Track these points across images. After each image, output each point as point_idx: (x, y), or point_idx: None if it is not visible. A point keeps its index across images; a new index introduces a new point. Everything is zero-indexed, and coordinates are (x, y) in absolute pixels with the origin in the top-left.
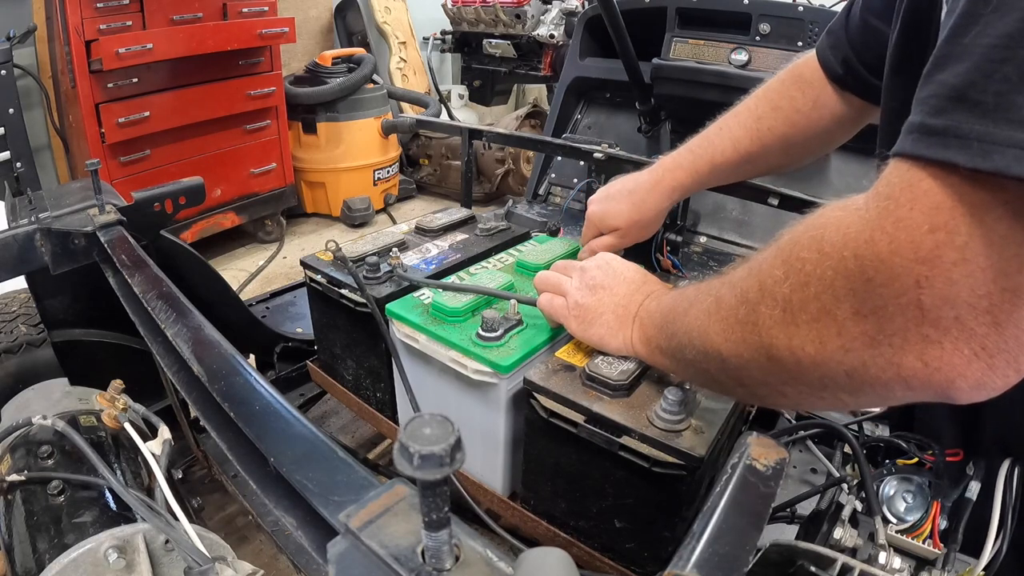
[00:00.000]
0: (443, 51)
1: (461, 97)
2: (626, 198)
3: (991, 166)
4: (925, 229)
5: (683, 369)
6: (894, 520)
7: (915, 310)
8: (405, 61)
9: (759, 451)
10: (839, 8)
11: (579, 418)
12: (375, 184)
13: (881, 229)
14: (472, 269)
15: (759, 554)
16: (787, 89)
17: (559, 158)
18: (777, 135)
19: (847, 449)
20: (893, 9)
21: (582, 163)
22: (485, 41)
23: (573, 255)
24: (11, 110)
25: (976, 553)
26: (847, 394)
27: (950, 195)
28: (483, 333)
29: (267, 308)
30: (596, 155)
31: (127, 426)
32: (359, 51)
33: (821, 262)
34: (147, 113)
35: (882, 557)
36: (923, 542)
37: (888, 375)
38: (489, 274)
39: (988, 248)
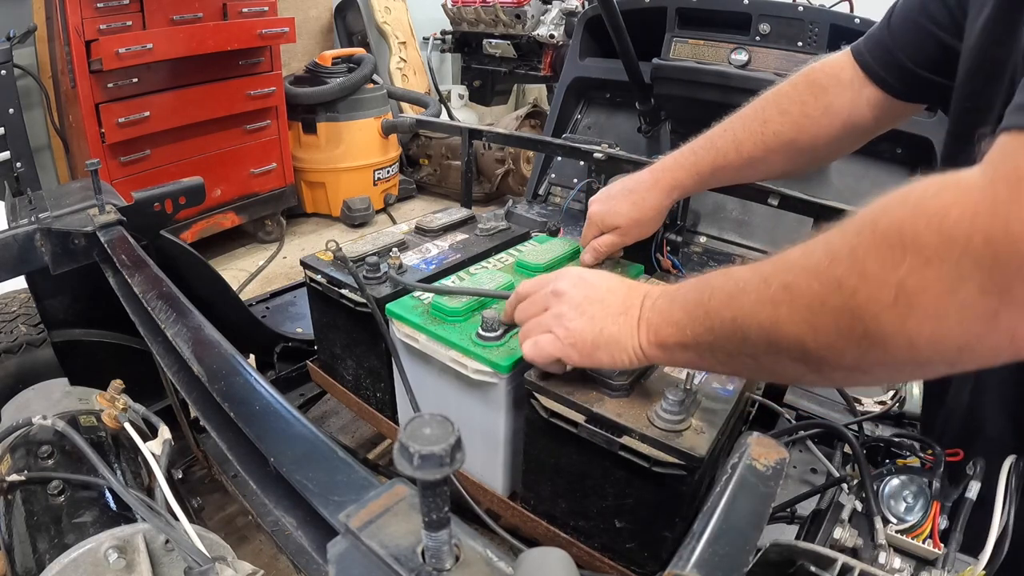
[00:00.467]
0: (443, 51)
1: (461, 97)
2: (626, 197)
3: None
4: None
5: (721, 362)
6: (894, 520)
7: None
8: (405, 61)
9: (759, 451)
10: (839, 8)
11: (579, 418)
12: (375, 184)
13: (1015, 212)
14: (472, 269)
15: (759, 554)
16: (799, 94)
17: (559, 158)
18: (783, 140)
19: (847, 449)
20: (949, 15)
21: (582, 163)
22: (485, 41)
23: (574, 255)
24: (11, 110)
25: (976, 553)
26: (949, 365)
27: None
28: (483, 333)
29: (267, 308)
30: (596, 155)
31: (127, 426)
32: (359, 51)
33: (945, 245)
34: (147, 113)
35: (882, 557)
36: (923, 542)
37: (1003, 342)
38: (489, 274)
39: None
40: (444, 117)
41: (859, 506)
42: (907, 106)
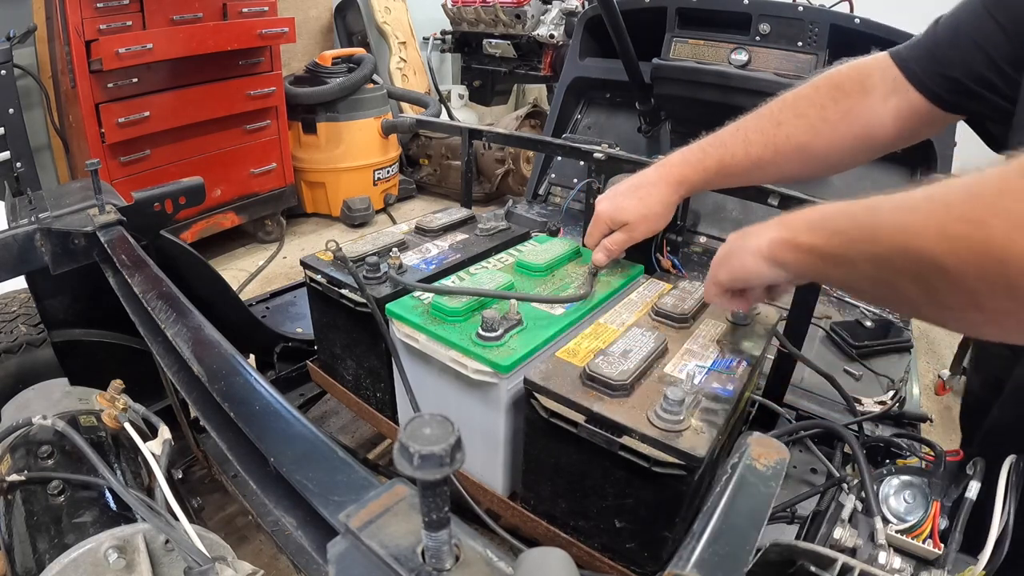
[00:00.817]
0: (443, 51)
1: (461, 97)
2: (633, 193)
3: None
4: None
5: (845, 270)
6: (894, 520)
7: None
8: (405, 61)
9: (759, 451)
10: (839, 8)
11: (579, 418)
12: (375, 184)
13: None
14: (472, 269)
15: (759, 554)
16: (819, 97)
17: (559, 158)
18: (795, 143)
19: (847, 449)
20: (1006, 41)
21: (582, 163)
22: (485, 41)
23: (574, 255)
24: (11, 110)
25: (976, 553)
26: None
27: None
28: (483, 333)
29: (267, 308)
30: (596, 155)
31: (127, 426)
32: (359, 51)
33: None
34: (147, 113)
35: (882, 557)
36: (923, 542)
37: None
38: (489, 274)
39: None
40: (444, 117)
41: (859, 506)
42: (939, 116)
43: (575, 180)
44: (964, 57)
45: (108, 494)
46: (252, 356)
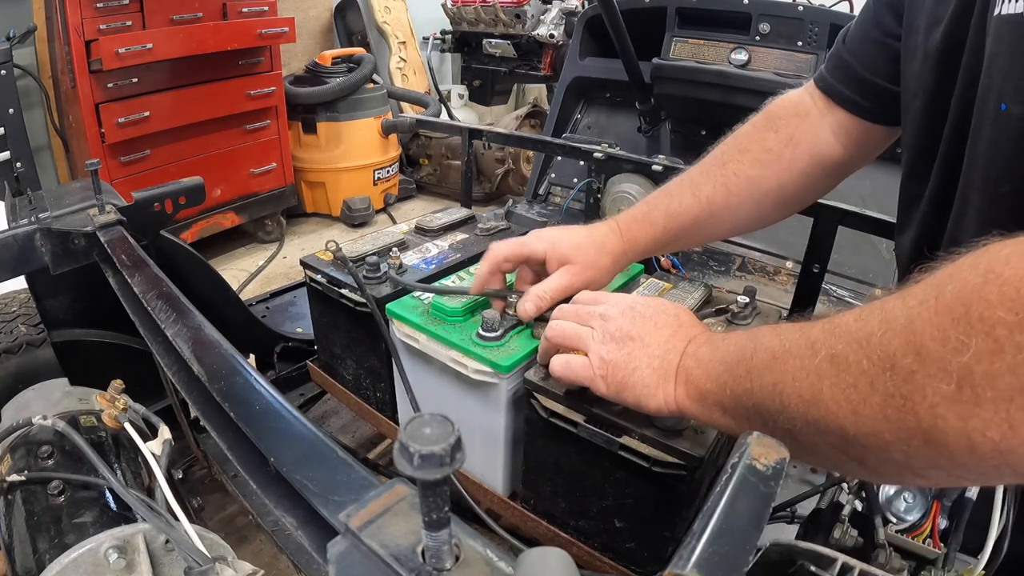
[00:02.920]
0: (443, 51)
1: (461, 97)
2: (586, 233)
3: None
4: None
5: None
6: (894, 520)
7: None
8: (405, 61)
9: (759, 451)
10: (839, 8)
11: (579, 418)
12: (375, 184)
13: None
14: (472, 269)
15: (759, 554)
16: (757, 131)
17: (559, 158)
18: (744, 177)
19: None
20: (902, 28)
21: (582, 163)
22: (485, 41)
23: None
24: (11, 110)
25: (976, 553)
26: (1017, 478)
27: None
28: (483, 333)
29: (267, 308)
30: (596, 155)
31: (127, 426)
32: (359, 51)
33: (1023, 326)
34: (147, 113)
35: (882, 557)
36: (923, 542)
37: None
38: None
39: None
40: (444, 117)
41: (859, 506)
42: (879, 130)
43: (575, 180)
44: (871, 57)
45: (108, 494)
46: (252, 356)
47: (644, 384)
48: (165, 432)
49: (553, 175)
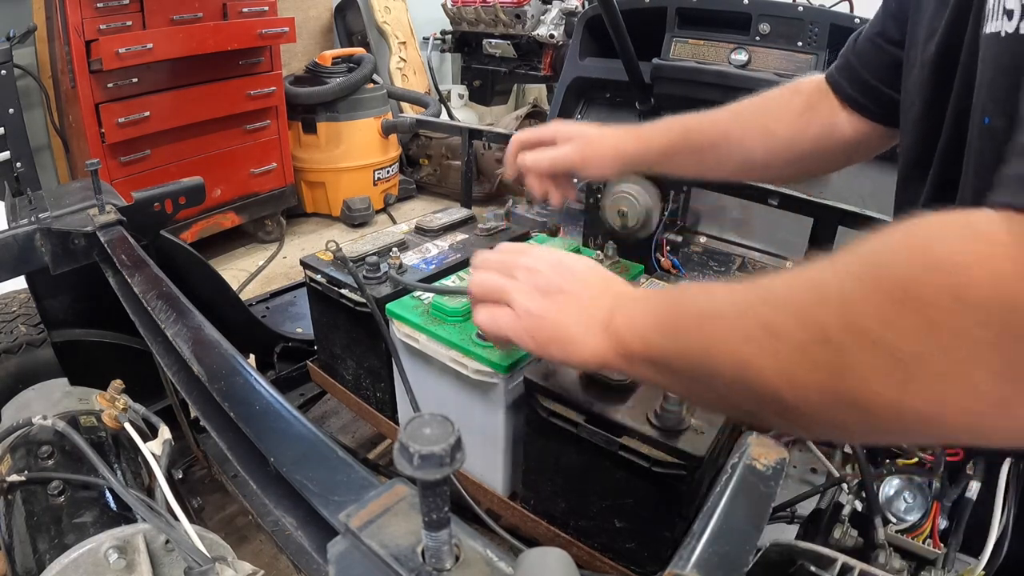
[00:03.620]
0: (443, 51)
1: (461, 97)
2: (596, 127)
3: None
4: None
5: (690, 390)
6: (894, 520)
7: None
8: (405, 61)
9: (759, 451)
10: (839, 8)
11: (579, 418)
12: (375, 184)
13: None
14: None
15: (759, 554)
16: (780, 94)
17: None
18: (759, 125)
19: (847, 449)
20: (904, 38)
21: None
22: (485, 41)
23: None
24: (11, 110)
25: (976, 553)
26: (936, 441)
27: None
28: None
29: (267, 308)
30: None
31: (127, 426)
32: (359, 51)
33: (958, 311)
34: (147, 113)
35: (882, 557)
36: (923, 542)
37: (1009, 433)
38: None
39: None
40: (444, 117)
41: (859, 506)
42: (880, 129)
43: (575, 180)
44: (874, 62)
45: (108, 494)
46: (252, 356)
47: (571, 338)
48: (165, 432)
49: None
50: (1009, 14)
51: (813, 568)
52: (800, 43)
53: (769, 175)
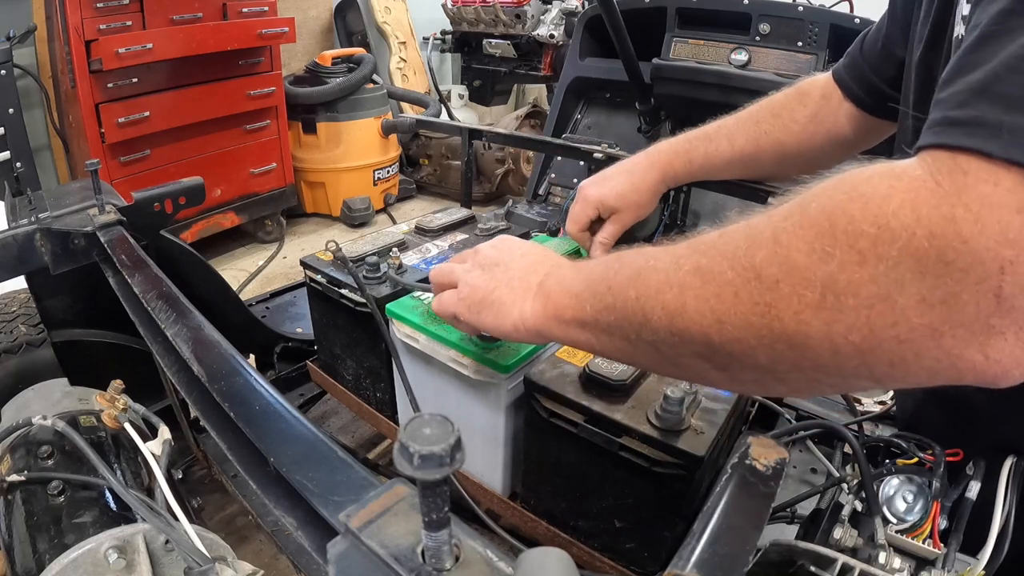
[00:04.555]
0: (443, 51)
1: (461, 97)
2: (624, 176)
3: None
4: (1014, 208)
5: (620, 348)
6: (894, 520)
7: (991, 299)
8: (405, 61)
9: (759, 451)
10: (839, 8)
11: (579, 418)
12: (375, 184)
13: (965, 206)
14: None
15: (759, 554)
16: (788, 101)
17: (559, 158)
18: (772, 139)
19: (847, 449)
20: (907, 37)
21: (582, 163)
22: (485, 41)
23: (573, 255)
24: (11, 110)
25: (976, 553)
26: (873, 381)
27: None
28: (483, 333)
29: (267, 308)
30: (596, 155)
31: (127, 426)
32: (359, 51)
33: (883, 239)
34: (147, 113)
35: (882, 557)
36: (923, 542)
37: (942, 365)
38: None
39: None
40: (444, 117)
41: (859, 506)
42: (880, 123)
43: (575, 180)
44: (878, 63)
45: (108, 494)
46: (252, 356)
47: (500, 302)
48: (165, 432)
49: (553, 175)
50: (964, 20)
51: (813, 568)
52: (800, 43)
53: (779, 178)
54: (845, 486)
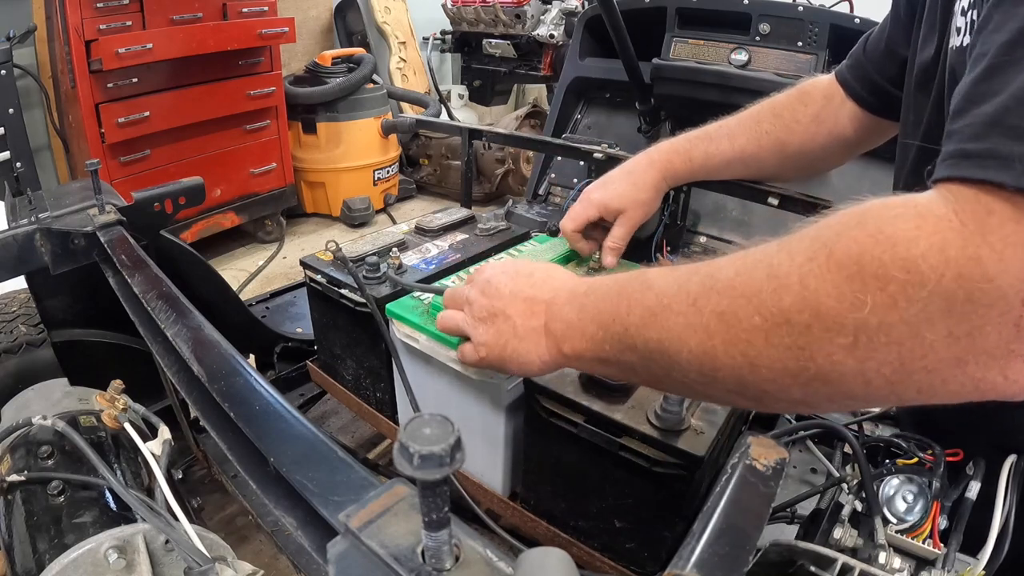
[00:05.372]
0: (443, 51)
1: (461, 97)
2: (625, 178)
3: None
4: None
5: (648, 381)
6: (894, 520)
7: (1012, 328)
8: (405, 61)
9: (759, 451)
10: (839, 8)
11: (579, 418)
12: (375, 184)
13: (990, 246)
14: (472, 269)
15: (759, 554)
16: (790, 101)
17: (559, 158)
18: (773, 139)
19: (847, 449)
20: (910, 36)
21: (582, 163)
22: (485, 41)
23: (573, 255)
24: (11, 110)
25: (976, 553)
26: (900, 403)
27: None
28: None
29: (267, 308)
30: (596, 155)
31: (127, 426)
32: (359, 51)
33: (912, 282)
34: (147, 113)
35: (882, 557)
36: (923, 542)
37: (965, 389)
38: None
39: None
40: (444, 117)
41: (859, 506)
42: (882, 123)
43: (575, 180)
44: (882, 64)
45: (108, 494)
46: (252, 356)
47: (518, 354)
48: (165, 432)
49: (553, 175)
50: (958, 31)
51: (813, 568)
52: (800, 43)
53: (779, 179)
54: (845, 486)
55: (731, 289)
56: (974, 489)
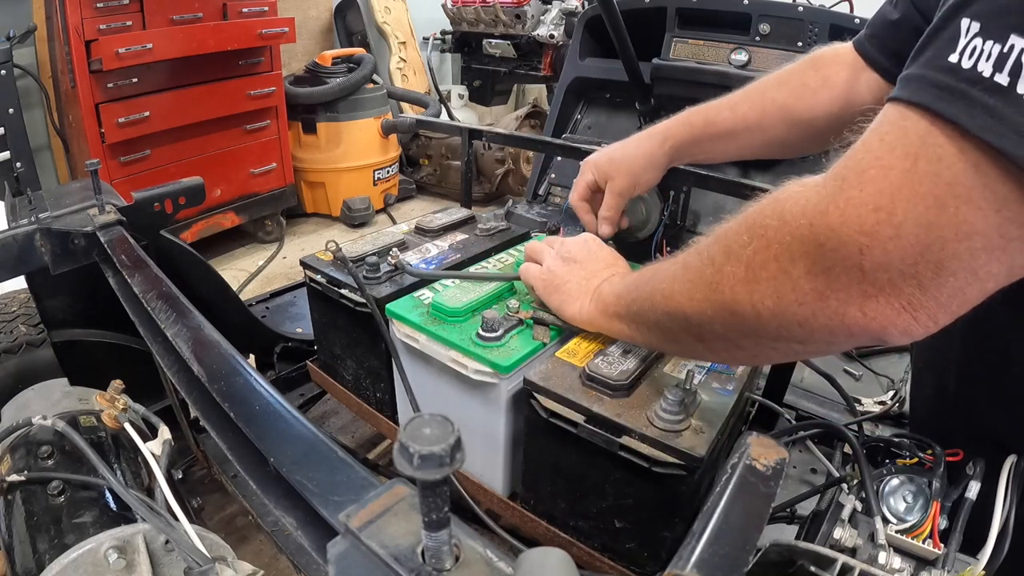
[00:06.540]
0: (443, 51)
1: (461, 97)
2: (621, 147)
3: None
4: (870, 208)
5: (642, 333)
6: (894, 520)
7: (857, 271)
8: (405, 61)
9: (759, 451)
10: (839, 9)
11: (579, 418)
12: (375, 184)
13: (835, 204)
14: (472, 269)
15: (759, 554)
16: (800, 67)
17: (559, 158)
18: (779, 105)
19: (847, 449)
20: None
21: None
22: (485, 41)
23: None
24: (11, 110)
25: (976, 553)
26: (799, 343)
27: (893, 184)
28: (483, 333)
29: (267, 308)
30: None
31: (127, 426)
32: (359, 51)
33: (781, 228)
34: (147, 113)
35: (882, 557)
36: (923, 542)
37: (834, 323)
38: (489, 274)
39: (918, 229)
40: (444, 117)
41: (859, 506)
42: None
43: (575, 180)
44: (899, 35)
45: (108, 494)
46: (252, 356)
47: (568, 293)
48: (165, 432)
49: (553, 175)
50: None
51: (813, 568)
52: (800, 43)
53: (789, 152)
54: (845, 486)
55: (693, 249)
56: (974, 489)
